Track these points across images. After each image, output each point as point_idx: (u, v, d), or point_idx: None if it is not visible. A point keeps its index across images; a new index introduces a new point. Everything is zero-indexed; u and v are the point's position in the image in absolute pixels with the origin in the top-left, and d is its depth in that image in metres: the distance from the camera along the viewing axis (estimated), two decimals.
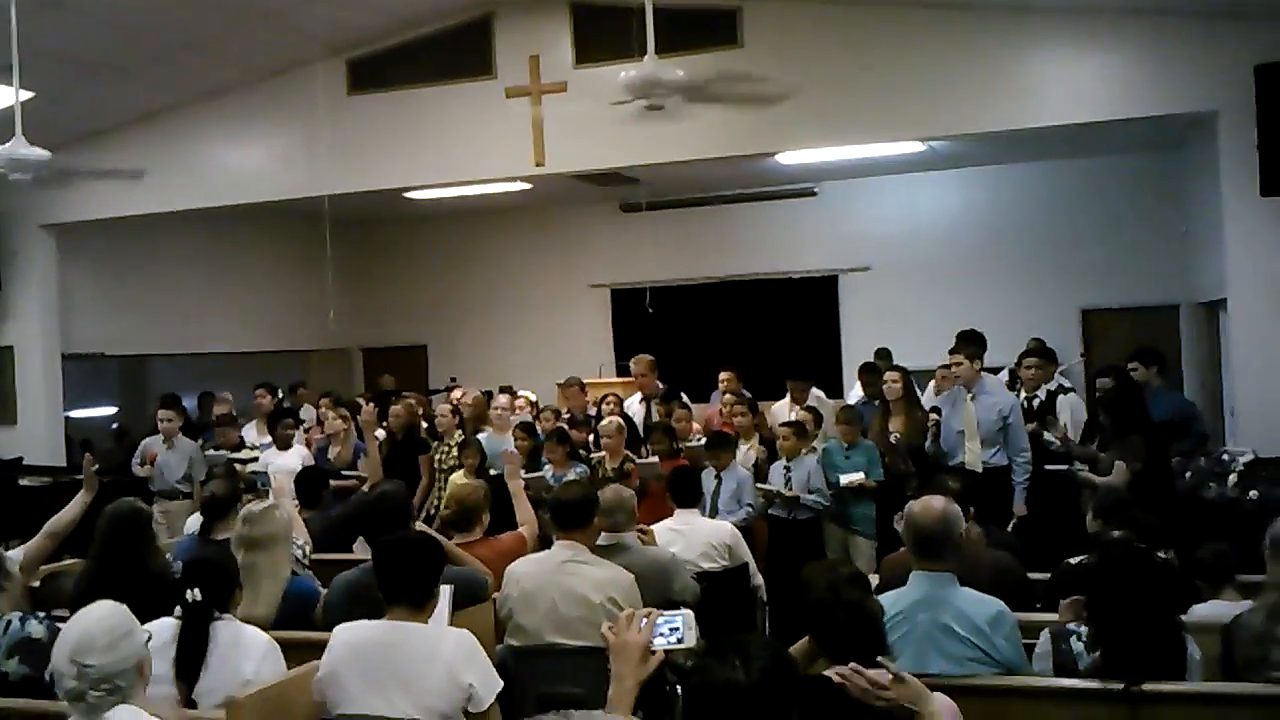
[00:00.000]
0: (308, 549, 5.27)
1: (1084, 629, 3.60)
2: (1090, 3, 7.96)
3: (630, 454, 7.70)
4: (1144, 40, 7.86)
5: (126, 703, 2.85)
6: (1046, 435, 7.16)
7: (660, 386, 9.02)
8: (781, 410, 8.54)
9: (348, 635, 3.40)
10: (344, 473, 7.95)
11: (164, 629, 3.56)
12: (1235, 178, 7.69)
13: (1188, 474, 6.93)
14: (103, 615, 2.92)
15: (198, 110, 10.16)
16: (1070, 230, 11.58)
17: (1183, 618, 3.80)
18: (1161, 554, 4.41)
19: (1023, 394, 7.69)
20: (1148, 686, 3.39)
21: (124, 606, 3.00)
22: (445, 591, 3.67)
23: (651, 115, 6.92)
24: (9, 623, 3.76)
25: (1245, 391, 7.86)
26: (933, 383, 8.73)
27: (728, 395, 8.65)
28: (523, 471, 6.68)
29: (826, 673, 2.68)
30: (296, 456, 8.27)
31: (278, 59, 9.71)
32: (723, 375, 9.03)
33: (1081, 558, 4.60)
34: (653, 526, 5.93)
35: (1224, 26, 7.63)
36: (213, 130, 10.19)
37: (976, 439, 6.90)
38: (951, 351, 7.14)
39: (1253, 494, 6.41)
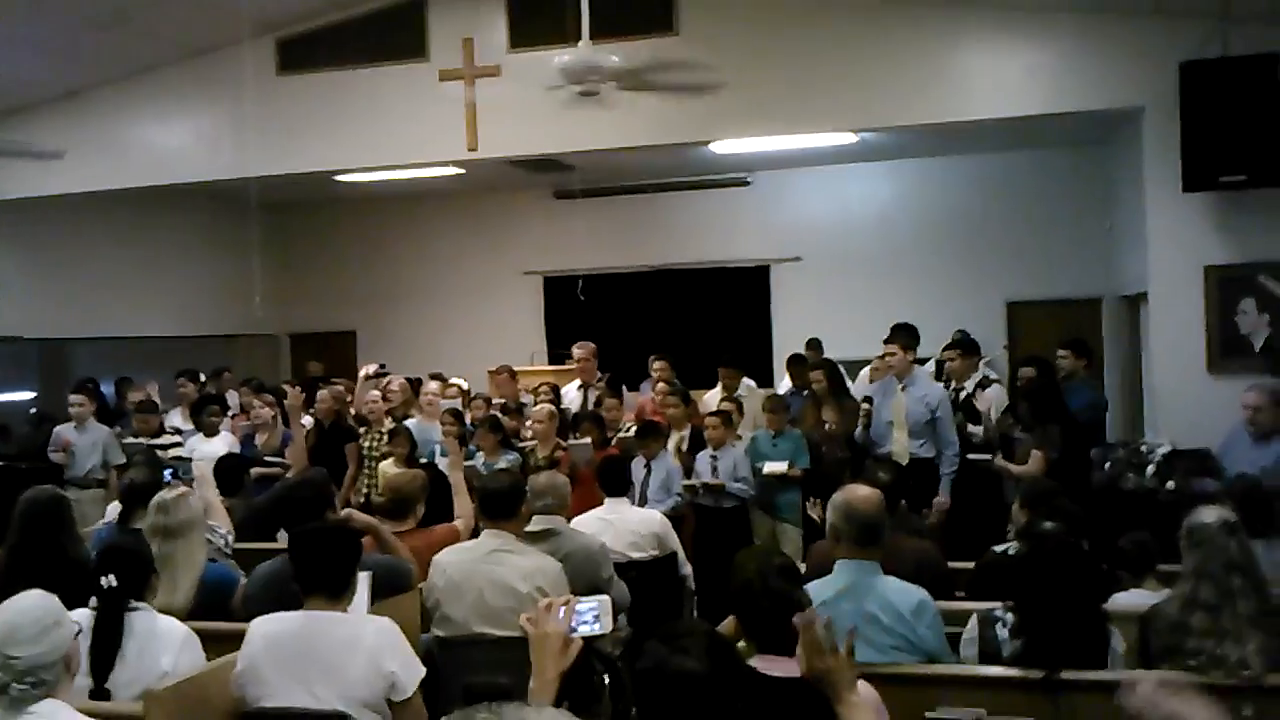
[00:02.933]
0: (230, 537, 5.17)
1: (1009, 616, 3.66)
2: None
3: (561, 441, 7.68)
4: (1072, 36, 7.99)
5: (52, 696, 2.79)
6: (970, 428, 7.25)
7: (599, 375, 8.98)
8: (713, 399, 8.56)
9: (265, 627, 3.34)
10: (267, 459, 7.83)
11: (81, 619, 3.47)
12: (1159, 173, 7.84)
13: (1107, 464, 7.07)
14: (30, 606, 2.84)
15: (121, 88, 9.92)
16: (997, 223, 11.75)
17: (1104, 607, 3.87)
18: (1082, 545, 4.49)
19: (952, 385, 7.79)
20: (1066, 674, 3.45)
21: (54, 597, 2.92)
22: (363, 580, 3.62)
23: (586, 101, 6.91)
24: None
25: (1164, 384, 8.03)
26: (865, 370, 8.81)
27: (660, 384, 8.66)
28: None
29: (795, 619, 2.66)
30: (222, 443, 8.11)
31: (205, 37, 9.50)
32: (655, 364, 9.03)
33: (1005, 546, 4.67)
34: (582, 516, 5.92)
35: (1150, 23, 7.77)
36: (137, 109, 9.96)
37: (905, 430, 6.97)
38: (886, 341, 7.20)
39: (1170, 485, 6.56)
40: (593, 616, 2.44)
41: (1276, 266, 7.65)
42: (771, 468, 7.32)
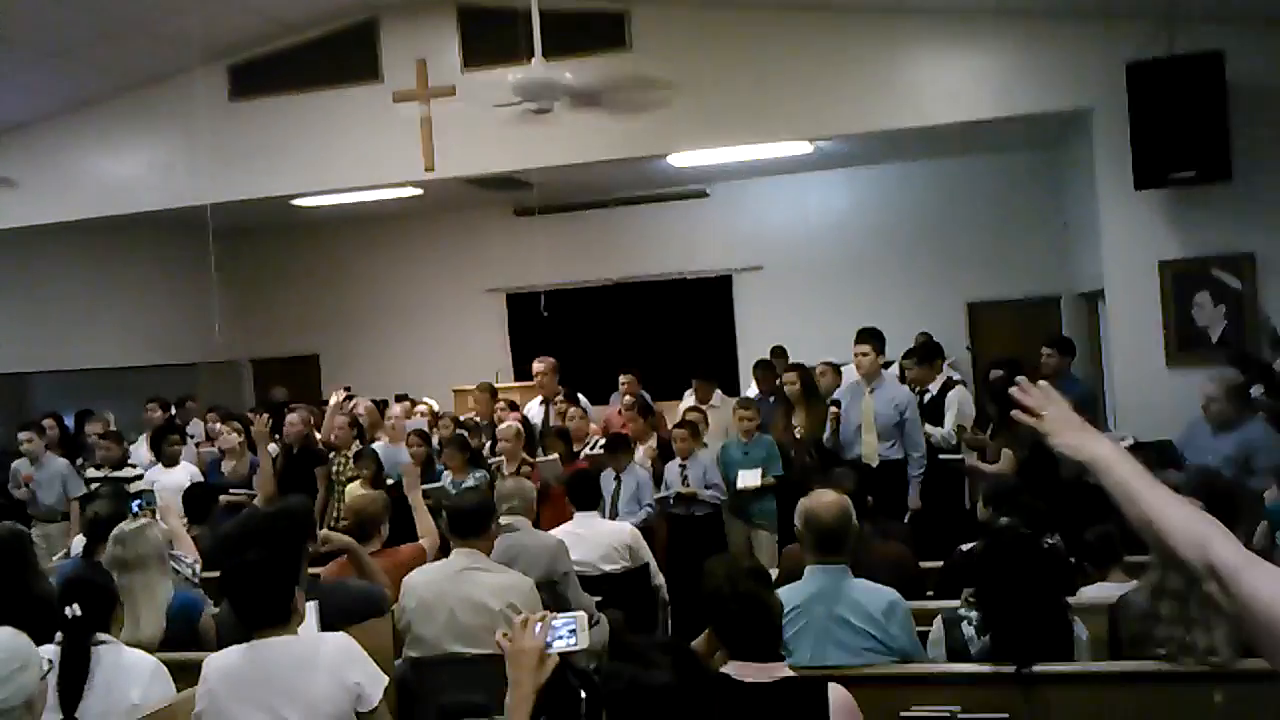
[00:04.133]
0: (197, 566, 5.13)
1: (974, 614, 3.69)
2: (966, 4, 8.16)
3: (528, 457, 7.67)
4: (1019, 40, 8.10)
5: None
6: (928, 428, 7.29)
7: (561, 389, 8.98)
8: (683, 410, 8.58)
9: (218, 663, 3.26)
10: (232, 490, 7.76)
11: (47, 654, 3.42)
12: (1110, 173, 7.96)
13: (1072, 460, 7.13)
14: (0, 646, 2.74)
15: (72, 119, 9.87)
16: (955, 226, 11.85)
17: (1070, 600, 3.91)
18: (1049, 539, 4.54)
19: (918, 389, 7.84)
20: (1038, 668, 3.49)
21: (23, 636, 2.83)
22: (311, 608, 3.56)
23: (542, 118, 6.89)
24: None
25: (1123, 378, 8.13)
26: (848, 368, 8.82)
27: (626, 398, 8.67)
28: (424, 484, 6.61)
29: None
30: (184, 473, 8.03)
31: (155, 65, 9.46)
32: (623, 378, 9.03)
33: (973, 545, 4.70)
34: (552, 530, 5.92)
35: (1096, 25, 7.89)
36: (89, 139, 9.90)
37: (874, 433, 7.01)
38: (856, 343, 7.24)
39: None
40: (569, 631, 2.44)
41: (1229, 260, 7.77)
42: (745, 482, 7.30)
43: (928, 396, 7.70)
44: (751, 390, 9.21)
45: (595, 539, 5.89)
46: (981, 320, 11.96)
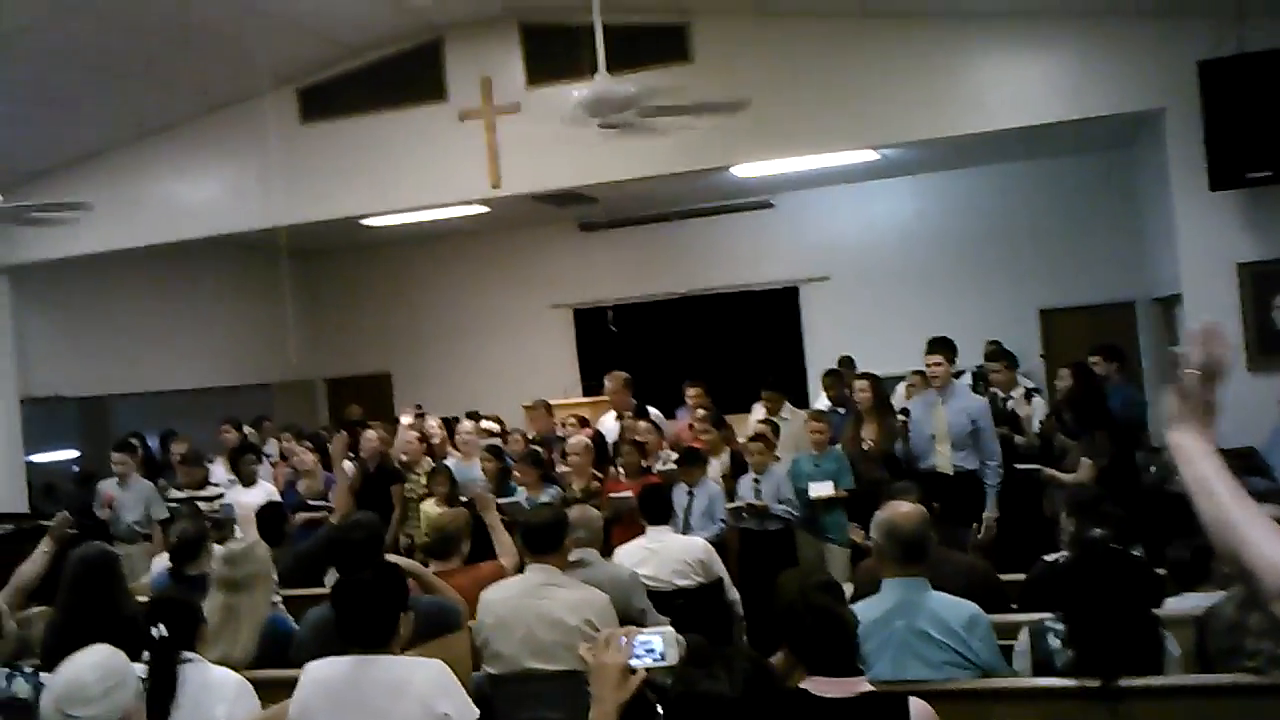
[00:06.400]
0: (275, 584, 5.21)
1: (1060, 626, 3.62)
2: (1031, 6, 8.06)
3: (597, 473, 7.68)
4: (1088, 41, 7.98)
5: None
6: (1018, 439, 7.19)
7: (634, 404, 8.99)
8: (755, 423, 8.54)
9: (317, 672, 3.32)
10: (310, 503, 7.87)
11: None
12: (1184, 174, 7.80)
13: (1152, 468, 7.00)
14: (95, 664, 2.77)
15: (147, 145, 10.08)
16: (1025, 232, 11.69)
17: (1157, 612, 3.83)
18: (1134, 550, 4.45)
19: (998, 396, 7.75)
20: (1124, 682, 3.41)
21: (121, 654, 2.87)
22: None
23: (606, 133, 6.93)
24: None
25: None
26: (900, 387, 8.77)
27: (697, 410, 8.65)
28: (500, 499, 6.64)
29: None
30: (262, 493, 8.16)
31: (227, 90, 9.66)
32: (690, 390, 9.02)
33: (1056, 555, 4.62)
34: (625, 545, 5.93)
35: (1166, 24, 7.75)
36: (163, 165, 10.11)
37: (948, 442, 6.92)
38: (928, 353, 7.17)
39: None
40: (653, 647, 2.41)
41: None
42: (817, 491, 7.25)
43: (1008, 404, 7.60)
44: (821, 402, 9.15)
45: (668, 554, 5.86)
46: (1055, 327, 11.77)
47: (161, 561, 5.83)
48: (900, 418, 7.25)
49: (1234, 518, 1.73)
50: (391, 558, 5.09)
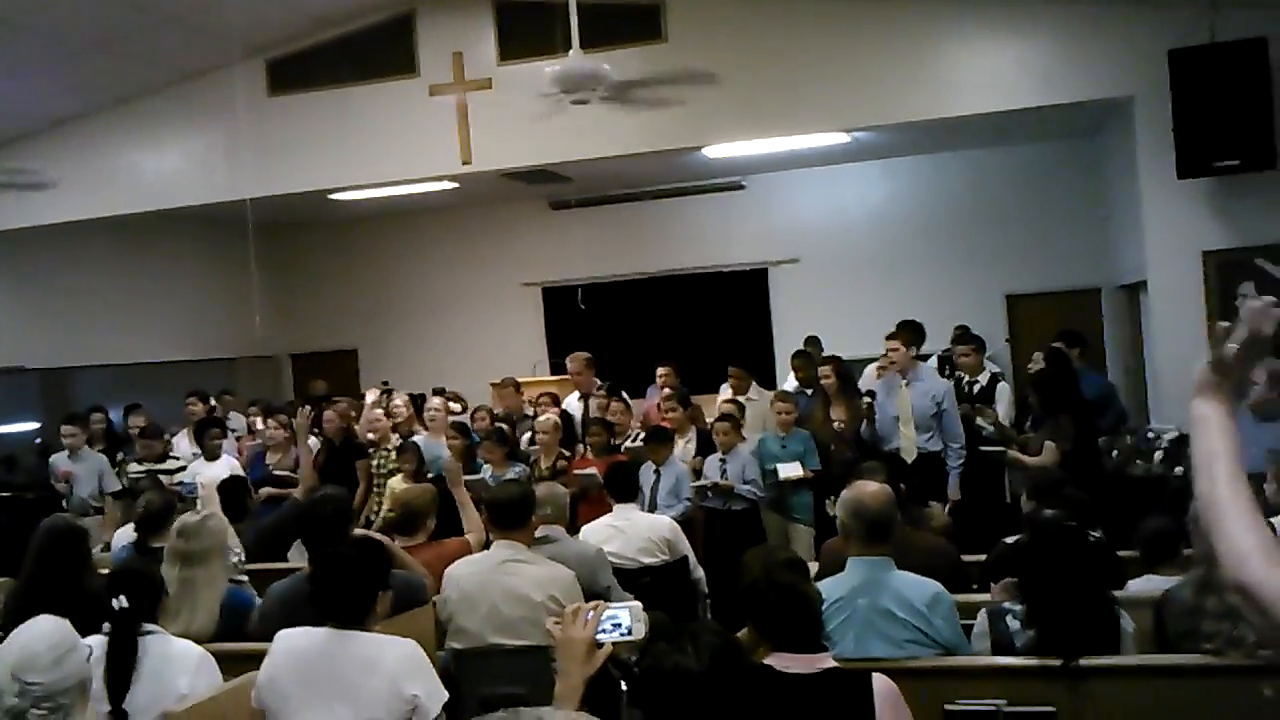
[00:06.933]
0: (242, 557, 5.18)
1: (1019, 607, 3.66)
2: None
3: (564, 451, 7.68)
4: (1059, 28, 8.01)
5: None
6: (979, 421, 7.25)
7: (597, 383, 8.99)
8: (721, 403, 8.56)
9: (289, 642, 3.32)
10: (276, 472, 7.83)
11: (95, 644, 3.47)
12: (1152, 162, 7.86)
13: (1114, 452, 7.07)
14: (47, 632, 2.82)
15: (113, 115, 9.95)
16: (993, 217, 11.74)
17: (1116, 593, 3.87)
18: (1093, 532, 4.50)
19: (965, 379, 7.79)
20: (1084, 661, 3.46)
21: (66, 622, 2.90)
22: None
23: (578, 111, 6.92)
24: None
25: (1167, 371, 8.03)
26: (869, 368, 8.80)
27: (665, 390, 8.65)
28: (465, 476, 6.62)
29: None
30: (225, 466, 8.08)
31: (193, 61, 9.53)
32: (660, 370, 9.03)
33: (1017, 537, 4.67)
34: (592, 523, 5.93)
35: (1137, 12, 7.80)
36: (128, 135, 9.98)
37: (911, 424, 6.98)
38: (889, 337, 7.20)
39: (1178, 470, 6.56)
40: (620, 622, 2.41)
41: (1274, 249, 7.64)
42: (786, 472, 7.28)
43: (976, 387, 7.65)
44: (790, 382, 9.18)
45: (634, 532, 5.88)
46: (1020, 313, 11.85)
47: (126, 534, 5.78)
48: (865, 400, 7.28)
49: (1221, 499, 1.73)
50: (358, 532, 5.09)
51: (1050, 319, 10.82)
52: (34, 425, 11.31)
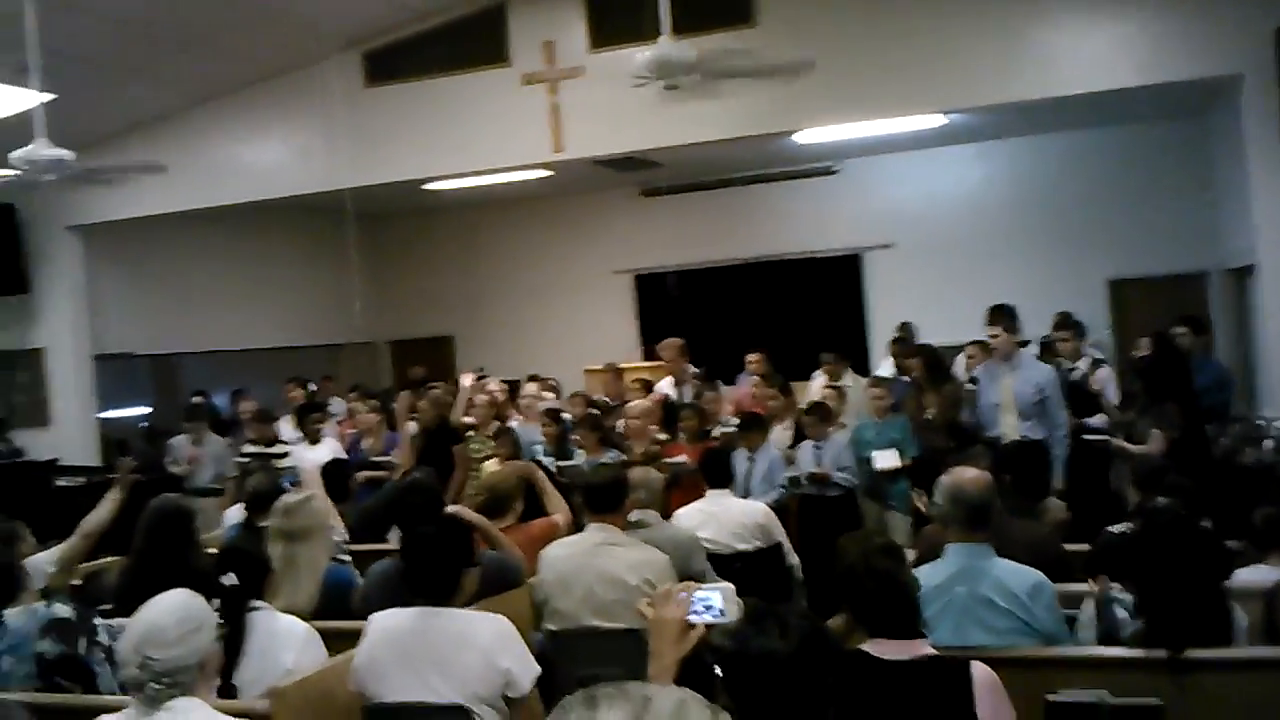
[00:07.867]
0: (344, 538, 5.30)
1: (1127, 597, 3.57)
2: None
3: (659, 436, 7.68)
4: (1163, 4, 7.80)
5: (187, 695, 2.75)
6: (1088, 421, 7.08)
7: (690, 370, 8.98)
8: (816, 389, 8.50)
9: (384, 622, 3.40)
10: (373, 459, 7.96)
11: None
12: (1260, 142, 7.62)
13: (1222, 440, 6.87)
14: (174, 607, 2.81)
15: (215, 108, 10.22)
16: (1094, 201, 11.45)
17: (1226, 584, 3.76)
18: (1202, 521, 4.37)
19: (1063, 364, 7.64)
20: (1192, 653, 3.36)
21: (199, 598, 2.91)
22: None
23: (670, 97, 6.88)
24: (35, 609, 3.77)
25: (1276, 356, 7.77)
26: (960, 357, 8.67)
27: (756, 377, 8.62)
28: (559, 462, 6.66)
29: None
30: (327, 450, 8.25)
31: (293, 54, 9.74)
32: (750, 357, 9.00)
33: (1123, 526, 4.55)
34: (684, 508, 5.93)
35: None
36: (231, 127, 10.24)
37: (1013, 412, 6.82)
38: (988, 324, 7.07)
39: None
40: (712, 604, 2.40)
41: None
42: (883, 463, 7.18)
43: (1076, 373, 7.48)
44: (886, 365, 9.07)
45: (728, 517, 5.88)
46: (1123, 298, 11.53)
47: (235, 513, 5.94)
48: (969, 386, 7.17)
49: None
50: (454, 508, 5.15)
51: (1155, 304, 10.53)
52: (144, 410, 11.68)
